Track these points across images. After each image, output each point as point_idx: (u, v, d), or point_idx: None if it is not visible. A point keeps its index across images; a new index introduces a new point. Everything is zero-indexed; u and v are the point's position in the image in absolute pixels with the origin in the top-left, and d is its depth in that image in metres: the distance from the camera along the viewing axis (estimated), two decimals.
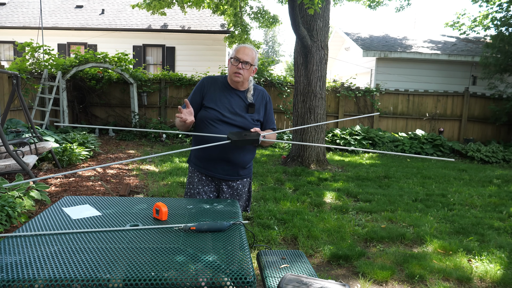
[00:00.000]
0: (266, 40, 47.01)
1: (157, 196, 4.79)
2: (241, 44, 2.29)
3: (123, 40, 13.16)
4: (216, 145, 2.16)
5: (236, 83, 2.27)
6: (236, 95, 2.29)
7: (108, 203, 1.94)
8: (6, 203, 3.47)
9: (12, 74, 5.25)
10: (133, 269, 1.23)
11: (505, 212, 4.77)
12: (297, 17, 6.45)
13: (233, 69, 2.23)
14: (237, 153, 2.26)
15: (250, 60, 2.22)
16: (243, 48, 2.24)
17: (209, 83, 2.32)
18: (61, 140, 6.81)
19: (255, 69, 2.30)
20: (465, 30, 12.55)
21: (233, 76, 2.24)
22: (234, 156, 2.26)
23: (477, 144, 9.55)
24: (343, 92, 10.30)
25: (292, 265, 2.09)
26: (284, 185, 5.71)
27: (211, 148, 2.23)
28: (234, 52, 2.25)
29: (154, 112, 10.42)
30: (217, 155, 2.26)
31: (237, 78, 2.23)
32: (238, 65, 2.21)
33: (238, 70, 2.21)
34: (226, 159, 2.27)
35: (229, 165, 2.29)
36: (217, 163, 2.29)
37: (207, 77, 2.36)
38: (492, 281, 2.94)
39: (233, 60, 2.23)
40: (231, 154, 2.25)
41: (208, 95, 2.28)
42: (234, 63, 2.22)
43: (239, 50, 2.23)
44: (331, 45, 14.19)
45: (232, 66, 2.23)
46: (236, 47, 2.28)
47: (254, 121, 2.30)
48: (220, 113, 2.22)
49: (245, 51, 2.22)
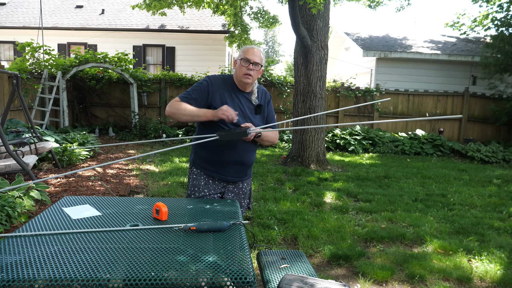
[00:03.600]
0: (266, 40, 47.01)
1: (157, 196, 4.79)
2: (248, 45, 2.26)
3: (123, 40, 13.16)
4: (229, 148, 2.19)
5: (245, 84, 2.22)
6: (244, 97, 2.26)
7: (108, 203, 1.94)
8: (6, 203, 3.47)
9: (12, 74, 5.25)
10: (133, 269, 1.23)
11: (505, 212, 4.77)
12: (297, 17, 6.45)
13: (243, 71, 2.17)
14: (248, 154, 2.27)
15: (260, 61, 2.19)
16: (252, 49, 2.20)
17: (217, 83, 2.23)
18: (61, 140, 6.81)
19: (262, 70, 2.26)
20: (465, 30, 12.55)
21: (243, 77, 2.19)
22: (247, 157, 2.27)
23: (477, 144, 9.55)
24: (343, 92, 10.30)
25: (292, 265, 2.08)
26: (284, 185, 5.71)
27: (224, 151, 2.21)
28: (243, 53, 2.20)
29: (154, 112, 10.42)
30: (231, 157, 2.23)
31: (247, 79, 2.19)
32: (248, 66, 2.16)
33: (249, 71, 2.17)
34: (239, 162, 2.25)
35: (241, 166, 2.29)
36: (229, 165, 2.25)
37: (213, 76, 2.28)
38: (492, 281, 2.94)
39: (243, 61, 2.17)
40: (244, 156, 2.25)
41: (216, 95, 2.19)
42: (244, 64, 2.17)
43: (249, 51, 2.19)
44: (331, 45, 14.19)
45: (241, 67, 2.18)
46: (244, 48, 2.23)
47: (262, 122, 2.31)
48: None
49: (254, 52, 2.18)
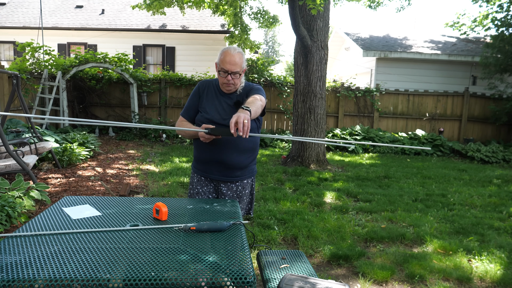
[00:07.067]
0: (266, 40, 47.01)
1: (157, 196, 4.79)
2: (225, 50, 2.13)
3: (123, 40, 13.16)
4: (209, 147, 2.19)
5: (228, 91, 2.24)
6: (229, 99, 2.25)
7: (108, 203, 1.94)
8: (6, 203, 3.47)
9: (12, 74, 5.25)
10: (133, 269, 1.23)
11: (505, 212, 4.77)
12: (297, 17, 6.45)
13: (223, 81, 2.15)
14: (230, 154, 2.21)
15: (239, 69, 2.11)
16: (229, 57, 2.09)
17: (204, 87, 2.29)
18: (61, 140, 6.81)
19: (245, 69, 2.21)
20: (465, 31, 12.55)
21: (224, 86, 2.19)
22: (227, 157, 2.21)
23: (477, 144, 9.55)
24: (343, 92, 10.30)
25: (292, 265, 2.08)
26: (284, 185, 5.71)
27: (205, 150, 2.23)
28: (220, 62, 2.12)
29: (154, 112, 10.42)
30: (210, 156, 2.24)
31: (229, 88, 2.19)
32: (227, 77, 2.12)
33: (228, 82, 2.14)
34: (219, 161, 2.23)
35: (223, 166, 2.25)
36: (211, 164, 2.27)
37: (203, 81, 2.34)
38: (492, 281, 2.94)
39: (221, 72, 2.12)
40: (224, 155, 2.21)
41: (203, 98, 2.27)
42: (223, 75, 2.12)
43: (225, 61, 2.09)
44: (331, 45, 14.19)
45: (221, 78, 2.16)
46: (221, 55, 2.12)
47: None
48: (210, 119, 2.19)
49: (231, 61, 2.08)
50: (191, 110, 2.30)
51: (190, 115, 2.31)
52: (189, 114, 2.31)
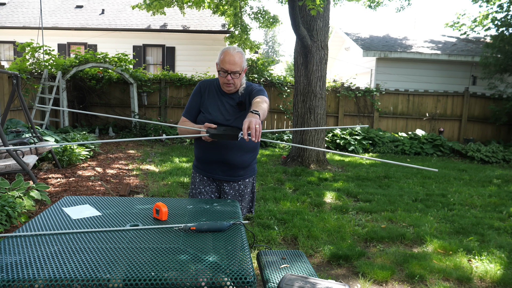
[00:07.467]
0: (266, 40, 47.00)
1: (157, 196, 4.79)
2: (225, 50, 2.14)
3: (123, 40, 13.16)
4: (212, 147, 2.18)
5: (228, 91, 2.24)
6: (230, 99, 2.25)
7: (108, 203, 1.94)
8: (6, 203, 3.47)
9: (12, 74, 5.25)
10: (133, 269, 1.23)
11: (505, 212, 4.77)
12: (297, 17, 6.45)
13: (223, 81, 2.17)
14: (234, 154, 2.22)
15: (239, 68, 2.12)
16: (228, 56, 2.10)
17: (205, 86, 2.29)
18: (61, 140, 6.81)
19: (245, 69, 2.22)
20: (465, 31, 12.55)
21: (224, 86, 2.20)
22: (232, 157, 2.23)
23: (477, 144, 9.55)
24: (343, 92, 10.30)
25: (292, 265, 2.08)
26: (284, 185, 5.71)
27: (207, 150, 2.23)
28: (220, 62, 2.14)
29: (154, 112, 10.42)
30: (214, 157, 2.24)
31: (229, 88, 2.20)
32: (227, 77, 2.13)
33: (229, 82, 2.15)
34: (223, 161, 2.24)
35: (227, 166, 2.26)
36: (215, 164, 2.27)
37: (204, 80, 2.34)
38: (492, 281, 2.94)
39: (221, 72, 2.14)
40: (228, 155, 2.22)
41: (204, 97, 2.27)
42: (223, 75, 2.14)
43: (225, 60, 2.10)
44: (331, 45, 14.19)
45: (221, 78, 2.17)
46: (221, 55, 2.14)
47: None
48: (213, 120, 2.19)
49: (231, 61, 2.10)
50: (193, 110, 2.29)
51: (192, 115, 2.29)
52: (191, 114, 2.29)
